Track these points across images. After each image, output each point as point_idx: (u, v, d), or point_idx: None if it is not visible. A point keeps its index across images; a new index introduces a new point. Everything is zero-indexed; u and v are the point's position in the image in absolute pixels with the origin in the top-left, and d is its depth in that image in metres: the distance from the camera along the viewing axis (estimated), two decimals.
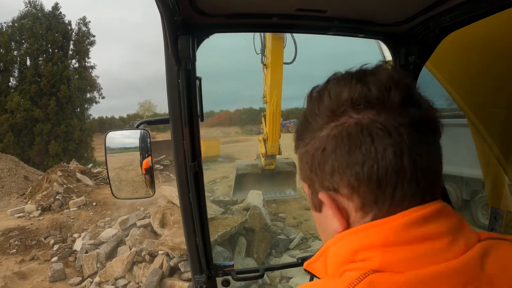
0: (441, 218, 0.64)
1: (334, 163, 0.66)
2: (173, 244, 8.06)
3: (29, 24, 31.73)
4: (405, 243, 0.62)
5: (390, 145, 0.62)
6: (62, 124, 30.87)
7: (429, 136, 0.66)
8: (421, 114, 0.65)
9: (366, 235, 0.64)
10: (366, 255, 0.63)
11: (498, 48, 1.91)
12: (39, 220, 12.21)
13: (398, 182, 0.63)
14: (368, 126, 0.63)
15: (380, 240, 0.63)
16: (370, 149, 0.62)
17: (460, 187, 9.05)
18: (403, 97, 0.64)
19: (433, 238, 0.62)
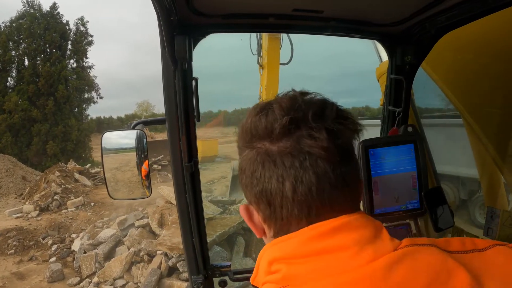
0: (346, 231, 0.68)
1: (245, 181, 0.76)
2: (171, 244, 8.06)
3: (27, 24, 31.64)
4: (307, 255, 0.67)
5: (275, 173, 0.69)
6: (60, 124, 30.79)
7: (316, 164, 0.68)
8: (308, 143, 0.68)
9: (277, 248, 0.71)
10: (276, 267, 0.69)
11: (494, 49, 1.92)
12: (37, 221, 12.18)
13: (284, 204, 0.70)
14: (261, 155, 0.71)
15: (286, 253, 0.69)
16: (260, 174, 0.71)
17: (457, 186, 9.07)
18: (288, 128, 0.69)
19: (335, 250, 0.67)
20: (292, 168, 0.68)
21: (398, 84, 1.84)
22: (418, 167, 1.67)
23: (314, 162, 0.68)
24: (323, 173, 0.68)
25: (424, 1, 1.39)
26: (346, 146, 0.72)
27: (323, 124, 0.69)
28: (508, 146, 2.09)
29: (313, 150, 0.68)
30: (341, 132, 0.71)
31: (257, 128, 0.73)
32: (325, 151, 0.68)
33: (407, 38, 1.71)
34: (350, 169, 0.72)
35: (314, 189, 0.68)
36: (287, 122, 0.69)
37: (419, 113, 2.43)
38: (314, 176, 0.68)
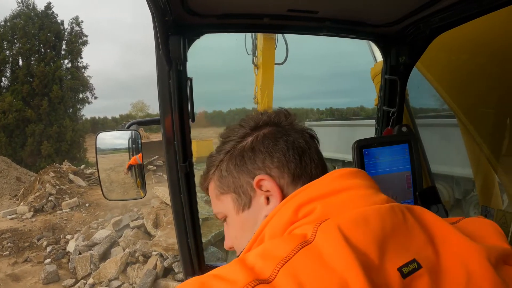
0: (362, 176, 0.82)
1: (266, 149, 0.86)
2: (166, 245, 8.04)
3: (21, 24, 31.42)
4: (338, 192, 0.76)
5: (301, 135, 0.90)
6: (54, 124, 30.61)
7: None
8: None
9: (304, 194, 0.77)
10: (307, 209, 0.73)
11: (488, 49, 1.93)
12: (31, 222, 12.11)
13: (312, 158, 0.88)
14: (286, 130, 0.90)
15: (317, 194, 0.76)
16: (288, 137, 0.87)
17: (452, 186, 9.12)
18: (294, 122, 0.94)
19: (359, 187, 0.77)
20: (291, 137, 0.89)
21: (393, 84, 1.85)
22: (413, 167, 1.68)
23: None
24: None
25: (418, 2, 1.40)
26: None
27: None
28: (502, 145, 2.10)
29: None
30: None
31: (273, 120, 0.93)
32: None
33: (401, 38, 1.72)
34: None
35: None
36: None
37: (414, 113, 2.44)
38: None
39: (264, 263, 0.60)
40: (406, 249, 0.65)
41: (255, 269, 0.59)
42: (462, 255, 0.66)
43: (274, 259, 0.60)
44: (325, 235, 0.63)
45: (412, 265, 0.62)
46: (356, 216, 0.67)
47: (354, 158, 1.65)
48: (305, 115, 64.10)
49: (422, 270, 0.62)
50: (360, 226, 0.65)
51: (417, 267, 0.62)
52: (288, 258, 0.59)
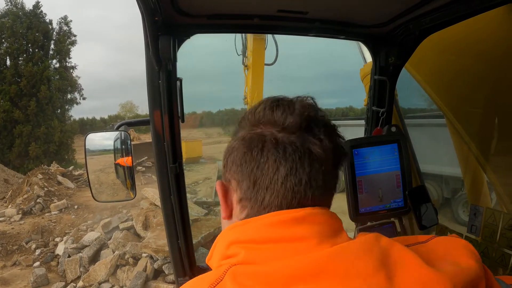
0: (309, 223, 0.72)
1: (234, 158, 0.79)
2: (156, 247, 7.99)
3: (9, 23, 30.93)
4: (268, 242, 0.70)
5: (273, 155, 0.73)
6: (42, 125, 30.19)
7: (313, 162, 0.74)
8: (312, 141, 0.75)
9: (240, 231, 0.74)
10: (234, 251, 0.72)
11: (476, 50, 1.95)
12: (20, 225, 11.94)
13: (270, 186, 0.74)
14: (264, 136, 0.76)
15: (247, 237, 0.72)
16: (257, 154, 0.75)
17: (441, 185, 9.22)
18: (300, 124, 0.75)
19: (296, 239, 0.70)
20: (291, 157, 0.73)
21: (382, 85, 1.86)
22: (402, 167, 1.70)
23: (311, 160, 0.74)
24: (315, 171, 0.74)
25: (408, 3, 1.41)
26: (339, 158, 0.80)
27: (329, 134, 0.77)
28: (490, 144, 2.12)
29: (314, 150, 0.74)
30: (339, 146, 0.79)
31: (267, 116, 0.78)
32: (324, 154, 0.75)
33: (391, 39, 1.73)
34: (334, 176, 0.79)
35: (303, 183, 0.74)
36: (302, 118, 0.75)
37: (403, 113, 2.46)
38: (307, 171, 0.73)
39: None
40: (344, 282, 0.63)
41: None
42: (422, 285, 0.64)
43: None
44: (230, 279, 0.65)
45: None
46: (273, 267, 0.65)
47: None
48: None
49: None
50: (272, 275, 0.64)
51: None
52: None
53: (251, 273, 0.65)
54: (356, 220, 1.75)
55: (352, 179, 1.66)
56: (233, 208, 0.82)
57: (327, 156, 0.76)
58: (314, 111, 0.78)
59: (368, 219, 1.77)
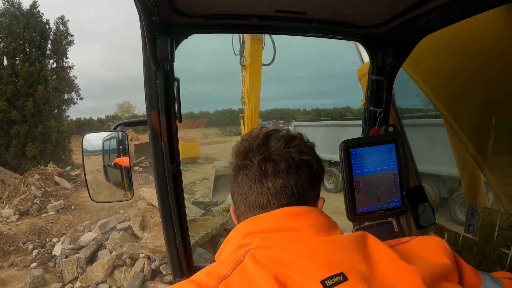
0: (305, 217, 0.92)
1: (233, 186, 1.07)
2: (154, 247, 7.98)
3: (6, 23, 30.79)
4: (275, 231, 0.90)
5: (252, 174, 0.98)
6: (39, 125, 30.09)
7: (282, 172, 0.96)
8: (271, 159, 0.96)
9: (248, 227, 0.94)
10: (249, 240, 0.90)
11: (473, 50, 1.96)
12: (17, 225, 11.89)
13: (242, 202, 1.03)
14: (242, 166, 1.01)
15: (258, 229, 0.92)
16: (240, 178, 1.02)
17: (438, 185, 9.25)
18: (262, 153, 0.97)
19: (296, 229, 0.90)
20: (251, 176, 0.99)
21: (379, 85, 1.86)
22: (400, 167, 1.70)
23: (263, 175, 0.97)
24: (271, 183, 0.97)
25: (405, 4, 1.41)
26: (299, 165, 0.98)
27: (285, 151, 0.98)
28: (487, 144, 2.13)
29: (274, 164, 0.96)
30: (292, 156, 0.98)
31: (242, 150, 1.02)
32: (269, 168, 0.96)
33: (388, 39, 1.73)
34: (295, 182, 0.97)
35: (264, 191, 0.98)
36: (244, 151, 1.02)
37: (400, 113, 2.46)
38: (266, 184, 0.97)
39: (208, 279, 0.80)
40: (334, 264, 0.79)
41: (202, 285, 0.80)
42: (394, 274, 0.80)
43: (216, 276, 0.80)
44: (250, 258, 0.82)
45: (337, 278, 0.76)
46: (282, 248, 0.84)
47: (341, 158, 1.66)
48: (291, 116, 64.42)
49: (348, 283, 0.75)
50: (282, 253, 0.82)
51: (342, 280, 0.76)
52: (226, 276, 0.80)
53: (265, 254, 0.82)
54: (354, 220, 1.75)
55: (349, 179, 1.66)
56: (239, 218, 1.06)
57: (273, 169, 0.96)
58: (255, 137, 1.03)
59: (366, 219, 1.77)
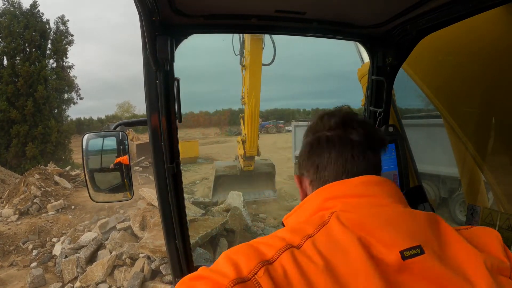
0: (384, 187, 0.97)
1: (304, 157, 1.12)
2: (154, 247, 7.97)
3: (6, 22, 30.75)
4: (357, 196, 0.94)
5: (326, 146, 1.05)
6: (39, 125, 30.06)
7: (353, 146, 1.03)
8: (352, 132, 1.04)
9: (331, 191, 0.99)
10: (331, 204, 0.94)
11: (473, 50, 1.95)
12: (17, 225, 11.88)
13: (327, 168, 1.04)
14: (319, 137, 1.08)
15: (341, 193, 0.97)
16: (316, 148, 1.07)
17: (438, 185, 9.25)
18: (341, 123, 1.06)
19: (376, 196, 0.95)
20: (337, 144, 1.04)
21: (379, 85, 1.86)
22: (400, 167, 1.70)
23: (352, 145, 1.03)
24: (357, 152, 1.03)
25: (405, 4, 1.41)
26: (373, 143, 1.06)
27: (362, 126, 1.06)
28: (487, 144, 2.13)
29: (353, 138, 1.03)
30: (371, 134, 1.07)
31: (319, 124, 1.10)
32: (360, 140, 1.03)
33: (388, 39, 1.73)
34: (374, 156, 1.05)
35: (349, 160, 1.03)
36: (341, 118, 1.07)
37: (400, 113, 2.46)
38: (351, 152, 1.03)
39: (293, 236, 0.83)
40: (413, 237, 0.82)
41: (286, 239, 0.82)
42: (463, 255, 0.83)
43: (301, 233, 0.84)
44: (335, 220, 0.85)
45: (415, 250, 0.79)
46: (365, 213, 0.88)
47: None
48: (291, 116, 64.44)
49: (424, 257, 0.78)
50: (366, 219, 0.86)
51: (419, 253, 0.79)
52: (312, 235, 0.83)
53: (350, 218, 0.85)
54: None
55: None
56: (307, 190, 1.11)
57: (363, 141, 1.03)
58: (349, 113, 1.10)
59: None
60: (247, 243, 0.85)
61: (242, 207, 10.85)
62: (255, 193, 14.33)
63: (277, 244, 0.81)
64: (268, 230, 10.94)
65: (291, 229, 0.87)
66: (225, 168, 14.80)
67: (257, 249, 0.81)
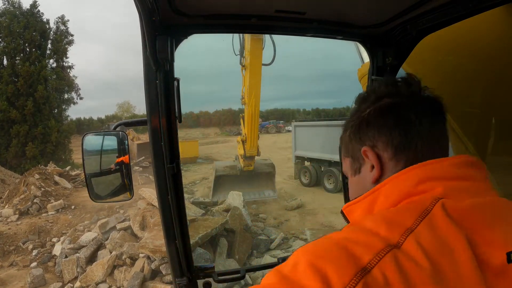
0: (478, 168, 0.86)
1: (373, 126, 0.92)
2: (153, 247, 7.97)
3: (6, 22, 30.83)
4: (459, 179, 0.82)
5: (414, 113, 0.90)
6: (39, 125, 30.13)
7: (437, 116, 0.94)
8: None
9: (423, 171, 0.83)
10: (427, 186, 0.80)
11: (473, 50, 1.95)
12: (17, 225, 11.89)
13: (420, 137, 0.89)
14: (396, 103, 0.92)
15: (438, 175, 0.82)
16: (398, 114, 0.90)
17: None
18: (418, 92, 0.95)
19: (478, 179, 0.83)
20: (426, 113, 0.91)
21: None
22: None
23: (436, 115, 0.94)
24: (441, 124, 0.95)
25: (405, 4, 1.41)
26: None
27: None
28: (487, 144, 2.13)
29: (433, 108, 0.94)
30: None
31: (391, 90, 0.95)
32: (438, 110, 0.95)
33: (388, 39, 1.73)
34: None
35: (441, 132, 0.94)
36: (418, 88, 0.97)
37: None
38: (439, 123, 0.94)
39: (389, 229, 0.69)
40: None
41: (382, 234, 0.68)
42: None
43: (399, 227, 0.70)
44: (440, 210, 0.72)
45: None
46: (472, 204, 0.74)
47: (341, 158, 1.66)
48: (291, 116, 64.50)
49: None
50: (472, 211, 0.73)
51: None
52: (413, 228, 0.69)
53: (458, 209, 0.73)
54: None
55: None
56: (384, 165, 0.91)
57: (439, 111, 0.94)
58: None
59: None
60: (333, 240, 0.70)
61: (242, 207, 10.86)
62: (255, 193, 14.34)
63: (374, 243, 0.67)
64: (268, 230, 10.94)
65: (384, 219, 0.73)
66: (225, 168, 14.81)
67: (350, 251, 0.65)
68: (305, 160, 17.36)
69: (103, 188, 1.66)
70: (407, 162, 0.88)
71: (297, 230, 11.32)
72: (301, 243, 10.13)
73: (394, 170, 0.89)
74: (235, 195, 11.46)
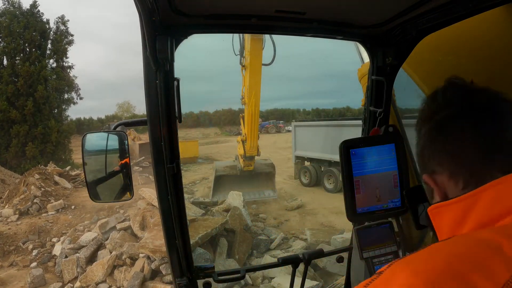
0: None
1: (428, 152, 0.90)
2: (153, 247, 7.98)
3: (6, 22, 30.81)
4: None
5: (460, 135, 0.84)
6: (39, 125, 30.10)
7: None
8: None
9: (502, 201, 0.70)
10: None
11: (473, 50, 1.95)
12: (17, 225, 11.90)
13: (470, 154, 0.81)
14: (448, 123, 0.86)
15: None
16: (446, 136, 0.85)
17: None
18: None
19: None
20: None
21: (379, 85, 1.86)
22: (399, 167, 1.70)
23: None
24: None
25: (405, 4, 1.41)
26: None
27: None
28: None
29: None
30: None
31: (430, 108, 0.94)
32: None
33: (388, 39, 1.73)
34: None
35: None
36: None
37: (400, 113, 2.46)
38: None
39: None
40: None
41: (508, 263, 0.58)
42: None
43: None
44: None
45: None
46: None
47: (341, 158, 1.66)
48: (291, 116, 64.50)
49: None
50: None
51: None
52: None
53: None
54: (354, 220, 1.75)
55: (349, 179, 1.66)
56: (446, 188, 0.85)
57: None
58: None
59: (366, 219, 1.77)
60: (446, 266, 0.59)
61: (242, 207, 10.87)
62: (255, 193, 14.36)
63: (496, 271, 0.58)
64: (268, 230, 10.95)
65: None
66: (225, 168, 14.82)
67: (472, 284, 0.56)
68: (305, 160, 17.39)
69: (103, 188, 1.66)
70: (467, 181, 0.81)
71: (297, 230, 11.34)
72: (301, 243, 10.14)
73: (454, 193, 0.81)
74: (235, 195, 11.47)
